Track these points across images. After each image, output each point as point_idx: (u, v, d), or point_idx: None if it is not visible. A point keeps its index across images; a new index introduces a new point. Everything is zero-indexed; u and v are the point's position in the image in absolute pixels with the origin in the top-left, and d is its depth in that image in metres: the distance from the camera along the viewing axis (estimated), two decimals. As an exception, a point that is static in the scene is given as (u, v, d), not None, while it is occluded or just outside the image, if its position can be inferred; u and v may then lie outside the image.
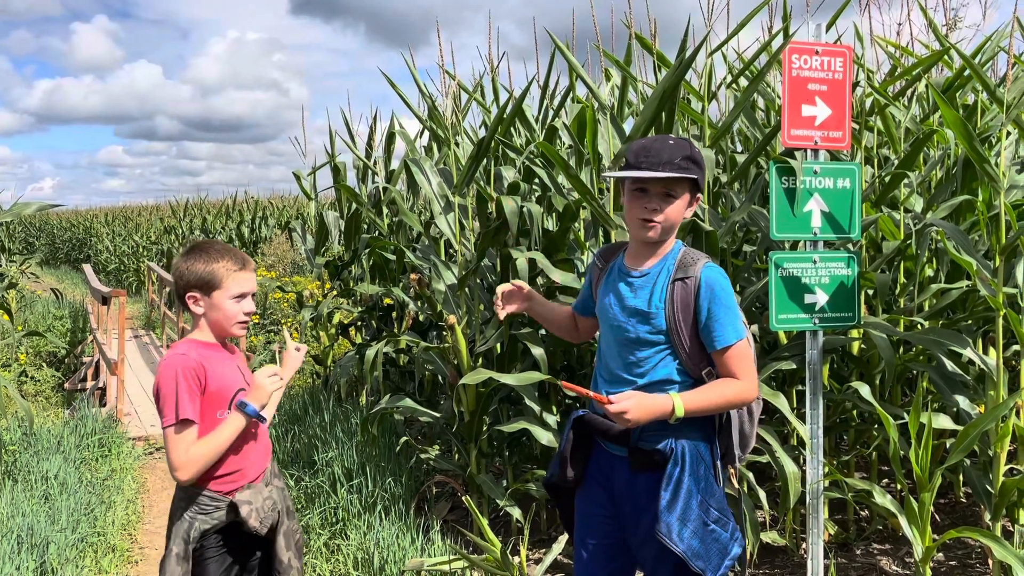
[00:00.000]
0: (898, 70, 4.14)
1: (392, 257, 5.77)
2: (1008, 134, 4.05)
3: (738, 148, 4.79)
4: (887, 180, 3.84)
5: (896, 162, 3.89)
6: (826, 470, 3.32)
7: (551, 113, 4.76)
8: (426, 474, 4.88)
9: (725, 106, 4.31)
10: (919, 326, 3.63)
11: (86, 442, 5.80)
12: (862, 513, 4.34)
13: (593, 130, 3.87)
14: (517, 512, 3.91)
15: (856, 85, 3.96)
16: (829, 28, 3.81)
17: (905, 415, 3.38)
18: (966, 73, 3.83)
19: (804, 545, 3.65)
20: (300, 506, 4.54)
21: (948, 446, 4.01)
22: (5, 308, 9.06)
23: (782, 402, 3.35)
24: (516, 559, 3.39)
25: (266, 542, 2.43)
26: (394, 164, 6.44)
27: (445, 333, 4.52)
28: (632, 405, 2.11)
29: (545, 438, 3.81)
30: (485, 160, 4.45)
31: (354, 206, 6.22)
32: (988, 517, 3.37)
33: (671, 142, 2.22)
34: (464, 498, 3.62)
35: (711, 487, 2.23)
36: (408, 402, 4.41)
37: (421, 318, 5.37)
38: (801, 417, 3.40)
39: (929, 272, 4.10)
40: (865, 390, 3.48)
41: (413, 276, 5.08)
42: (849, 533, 4.07)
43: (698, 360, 2.23)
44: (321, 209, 7.18)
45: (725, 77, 4.37)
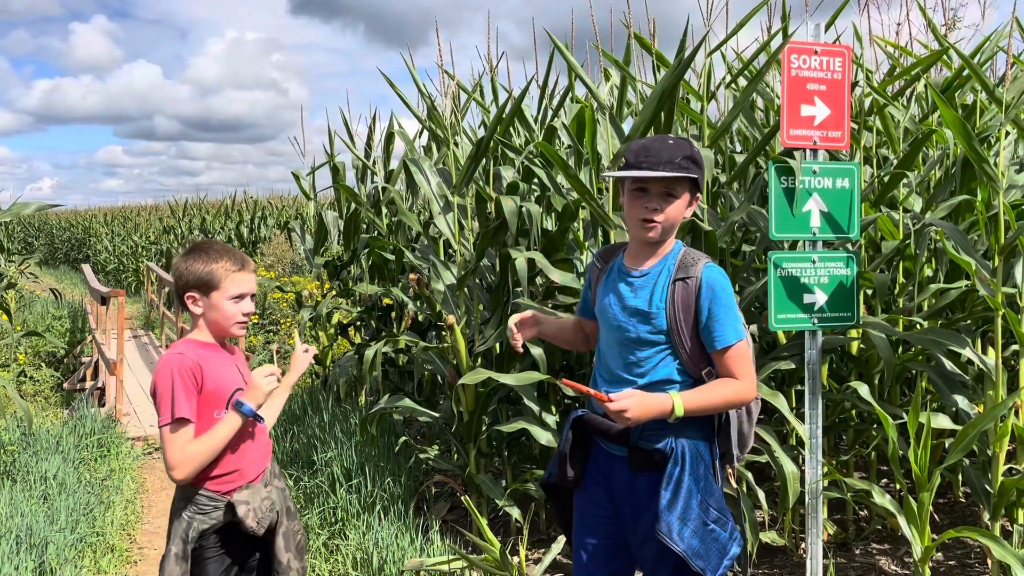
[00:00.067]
0: (897, 70, 4.14)
1: (391, 257, 5.77)
2: (1007, 134, 4.04)
3: (737, 148, 4.79)
4: (886, 180, 3.85)
5: (895, 162, 3.89)
6: (825, 470, 3.32)
7: (550, 113, 4.76)
8: (425, 474, 4.88)
9: (724, 106, 4.30)
10: (918, 326, 3.63)
11: (85, 442, 5.80)
12: (861, 513, 4.34)
13: (592, 130, 3.87)
14: (516, 512, 3.91)
15: (855, 85, 3.96)
16: (828, 28, 3.81)
17: (904, 415, 3.38)
18: (965, 73, 3.83)
19: (803, 545, 3.65)
20: (299, 506, 4.54)
21: (947, 446, 4.01)
22: (4, 308, 9.06)
23: (781, 402, 3.35)
24: (515, 559, 3.39)
25: (266, 543, 2.42)
26: (393, 164, 6.43)
27: (444, 333, 4.52)
28: (632, 403, 2.11)
29: (544, 438, 3.81)
30: (484, 160, 4.45)
31: (353, 206, 6.22)
32: (987, 517, 3.37)
33: (671, 141, 2.22)
34: (463, 498, 3.62)
35: (710, 487, 2.24)
36: (407, 402, 4.41)
37: (420, 318, 5.37)
38: (800, 417, 3.40)
39: (928, 272, 4.10)
40: (864, 390, 3.48)
41: (412, 276, 5.08)
42: (848, 533, 4.07)
43: (698, 360, 2.24)
44: (320, 209, 7.17)
45: (724, 77, 4.38)
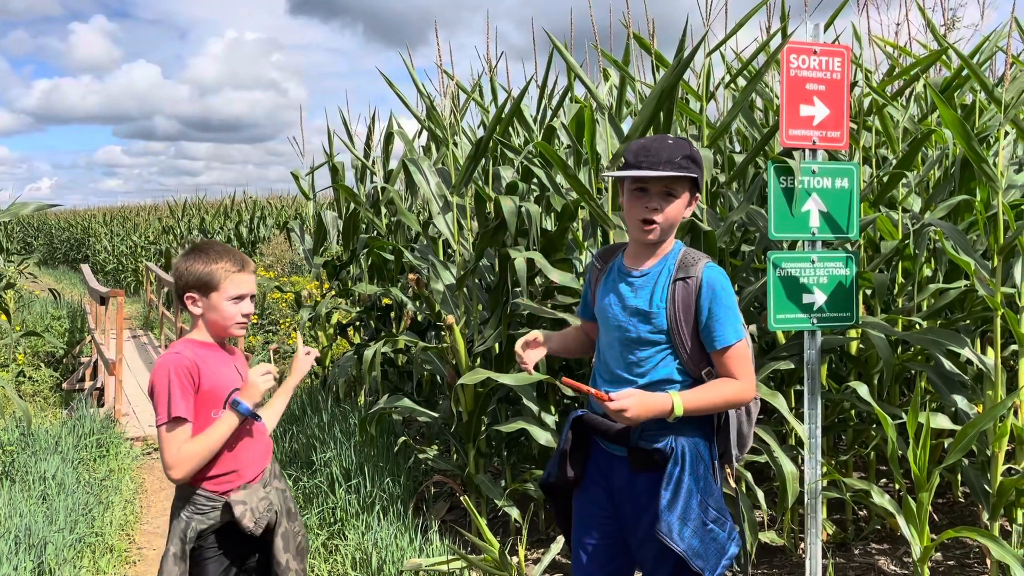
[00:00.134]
0: (896, 70, 4.14)
1: (390, 257, 5.77)
2: (1006, 134, 4.04)
3: (736, 148, 4.79)
4: (885, 180, 3.85)
5: (894, 162, 3.89)
6: (824, 470, 3.31)
7: (549, 113, 4.76)
8: (424, 474, 4.88)
9: (723, 106, 4.30)
10: (917, 326, 3.63)
11: (84, 442, 5.80)
12: (860, 513, 4.34)
13: (591, 130, 3.87)
14: (515, 512, 3.91)
15: (854, 85, 3.96)
16: (827, 28, 3.81)
17: (903, 415, 3.37)
18: (964, 73, 3.83)
19: (802, 545, 3.65)
20: (299, 506, 4.53)
21: (946, 446, 4.01)
22: (3, 308, 9.06)
23: (780, 402, 3.35)
24: (514, 559, 3.39)
25: (265, 543, 2.42)
26: (392, 164, 6.43)
27: (443, 333, 4.52)
28: (632, 403, 2.11)
29: (543, 438, 3.81)
30: (483, 160, 4.44)
31: (352, 206, 6.22)
32: (986, 517, 3.37)
33: (670, 141, 2.22)
34: (462, 498, 3.61)
35: (710, 486, 2.24)
36: (406, 402, 4.41)
37: (419, 318, 5.37)
38: (799, 417, 3.40)
39: (927, 272, 4.10)
40: (863, 390, 3.48)
41: (411, 276, 5.08)
42: (847, 533, 4.07)
43: (698, 360, 2.24)
44: (319, 209, 7.16)
45: (723, 77, 4.37)
